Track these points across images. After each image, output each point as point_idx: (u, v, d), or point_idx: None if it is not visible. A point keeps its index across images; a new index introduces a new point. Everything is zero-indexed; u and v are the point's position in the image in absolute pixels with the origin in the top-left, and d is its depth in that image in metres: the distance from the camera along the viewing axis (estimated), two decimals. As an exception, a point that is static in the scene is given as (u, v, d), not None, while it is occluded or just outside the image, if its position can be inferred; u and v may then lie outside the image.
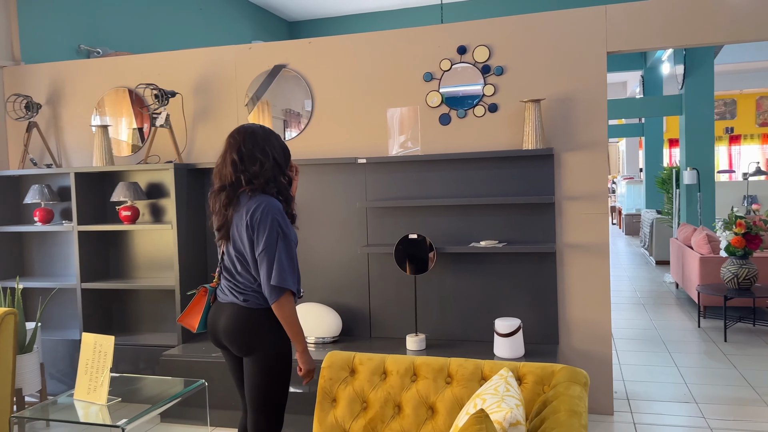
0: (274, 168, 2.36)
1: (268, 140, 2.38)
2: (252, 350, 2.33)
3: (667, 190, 9.28)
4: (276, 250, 2.25)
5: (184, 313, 2.62)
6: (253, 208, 2.29)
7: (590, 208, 3.66)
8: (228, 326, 2.36)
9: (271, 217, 2.27)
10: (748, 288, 5.32)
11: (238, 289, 2.37)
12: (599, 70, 3.61)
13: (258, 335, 2.32)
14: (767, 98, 16.56)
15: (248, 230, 2.29)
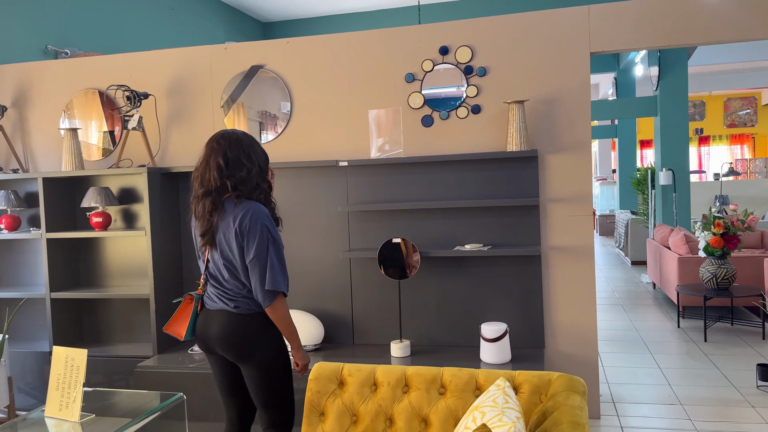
0: (259, 174, 2.39)
1: (252, 146, 2.41)
2: (249, 356, 2.36)
3: (643, 191, 9.36)
4: (267, 255, 2.28)
5: (171, 321, 2.58)
6: (241, 215, 2.30)
7: (575, 210, 3.62)
8: (221, 334, 2.36)
9: (260, 224, 2.30)
10: (726, 288, 5.36)
11: (227, 296, 2.37)
12: (583, 71, 3.58)
13: (254, 340, 2.35)
14: (735, 100, 16.90)
15: (237, 237, 2.30)
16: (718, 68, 12.87)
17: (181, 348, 3.94)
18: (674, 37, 3.50)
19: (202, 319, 2.47)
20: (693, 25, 3.46)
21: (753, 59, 11.17)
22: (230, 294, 2.36)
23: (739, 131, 17.11)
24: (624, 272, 8.85)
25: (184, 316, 2.53)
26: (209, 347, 2.45)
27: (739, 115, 17.02)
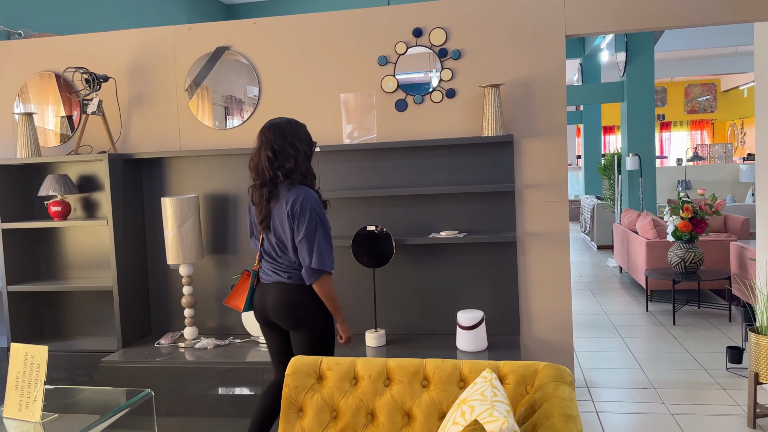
0: (305, 160, 2.63)
1: (296, 134, 2.64)
2: (300, 321, 2.62)
3: (609, 176, 9.45)
4: (315, 237, 2.53)
5: (230, 295, 2.86)
6: (292, 200, 2.55)
7: (550, 196, 3.59)
8: (276, 303, 2.63)
9: (310, 208, 2.54)
10: (694, 271, 5.43)
11: (281, 268, 2.64)
12: (558, 54, 3.53)
13: (304, 309, 2.61)
14: (695, 86, 17.22)
15: (288, 219, 2.55)
16: (680, 54, 13.07)
17: (147, 341, 3.80)
18: (647, 21, 3.47)
19: (258, 293, 2.73)
20: (665, 8, 3.43)
21: (713, 46, 11.35)
22: (284, 267, 2.63)
23: (699, 117, 17.47)
24: (590, 257, 8.95)
25: (242, 291, 2.79)
26: (266, 317, 2.72)
27: (699, 101, 17.36)
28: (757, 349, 3.22)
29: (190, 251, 3.63)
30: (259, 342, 3.67)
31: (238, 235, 3.85)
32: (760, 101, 3.75)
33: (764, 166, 3.72)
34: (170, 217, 3.59)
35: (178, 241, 3.60)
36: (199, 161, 3.88)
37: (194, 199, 3.65)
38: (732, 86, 16.47)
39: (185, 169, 3.90)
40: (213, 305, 3.90)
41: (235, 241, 3.85)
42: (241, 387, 3.40)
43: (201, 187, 3.88)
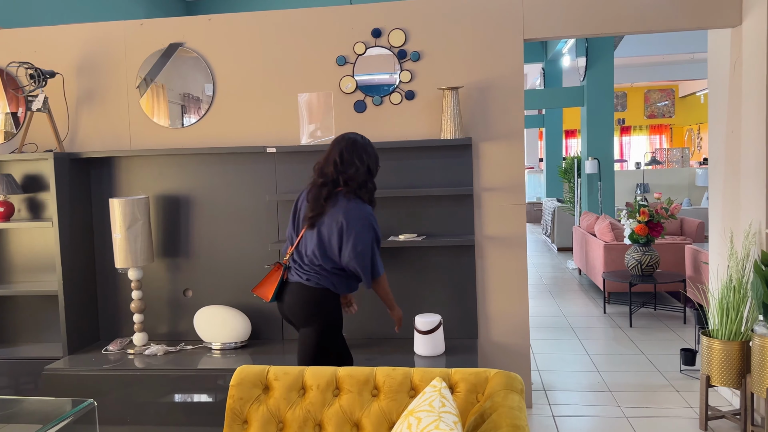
0: (366, 174, 2.76)
1: (365, 149, 2.78)
2: (306, 321, 2.75)
3: (569, 180, 9.56)
4: (371, 248, 2.70)
5: (259, 284, 2.89)
6: (350, 211, 2.68)
7: (508, 200, 3.57)
8: (291, 301, 2.77)
9: (367, 221, 2.70)
10: (650, 274, 5.51)
11: (302, 269, 2.75)
12: (516, 58, 3.52)
13: (313, 310, 2.73)
14: (654, 92, 17.60)
15: (341, 229, 2.67)
16: (639, 60, 13.33)
17: (95, 347, 3.66)
18: (605, 26, 3.49)
19: (284, 289, 2.83)
20: (623, 14, 3.46)
21: (672, 52, 11.59)
22: (305, 268, 2.74)
23: (657, 122, 17.85)
24: (551, 258, 9.04)
25: (272, 281, 2.84)
26: (284, 314, 2.86)
27: (658, 106, 17.74)
28: (709, 352, 3.25)
29: (139, 254, 3.51)
30: (212, 348, 3.56)
31: (190, 238, 3.74)
32: (713, 107, 3.81)
33: (716, 171, 3.78)
34: (118, 218, 3.47)
35: (126, 243, 3.47)
36: (150, 161, 3.76)
37: (144, 200, 3.53)
38: (690, 92, 16.87)
39: (136, 169, 3.77)
40: (164, 310, 3.78)
41: (187, 244, 3.74)
42: (193, 394, 3.29)
43: (152, 187, 3.76)
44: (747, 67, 3.38)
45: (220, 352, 3.54)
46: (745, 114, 3.41)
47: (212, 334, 3.56)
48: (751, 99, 3.33)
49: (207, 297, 3.74)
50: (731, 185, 3.59)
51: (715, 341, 3.22)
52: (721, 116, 3.69)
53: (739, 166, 3.48)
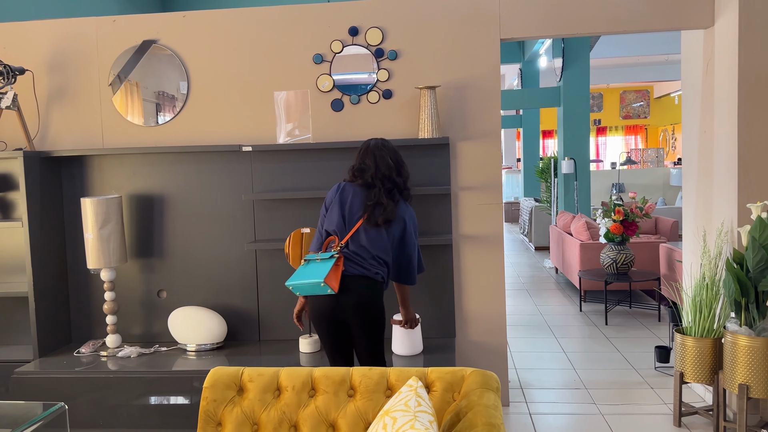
0: (407, 181, 2.95)
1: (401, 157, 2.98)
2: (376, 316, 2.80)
3: (546, 179, 9.64)
4: (416, 248, 2.92)
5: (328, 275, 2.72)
6: (410, 213, 2.91)
7: (485, 199, 3.58)
8: (361, 294, 2.74)
9: (416, 224, 2.95)
10: (625, 272, 5.57)
11: (366, 263, 2.77)
12: (493, 58, 3.53)
13: (381, 303, 2.81)
14: (630, 92, 17.82)
15: (405, 230, 2.85)
16: (615, 61, 13.47)
17: (67, 350, 3.59)
18: (581, 26, 3.51)
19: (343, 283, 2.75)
20: (598, 15, 3.48)
21: (647, 53, 11.74)
22: (372, 263, 2.78)
23: (633, 122, 18.08)
24: (528, 258, 9.10)
25: (337, 273, 2.73)
26: (335, 312, 2.75)
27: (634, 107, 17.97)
28: (682, 350, 3.29)
29: (112, 255, 3.45)
30: (187, 349, 3.52)
31: (164, 238, 3.68)
32: (686, 108, 3.86)
33: (690, 171, 3.83)
34: (90, 218, 3.40)
35: (98, 244, 3.41)
36: (123, 160, 3.69)
37: (116, 199, 3.47)
38: (664, 93, 17.12)
39: (108, 168, 3.71)
40: (138, 311, 3.72)
41: (161, 245, 3.69)
42: (167, 397, 3.25)
43: (125, 187, 3.70)
44: (719, 68, 3.43)
45: (195, 354, 3.49)
46: (718, 114, 3.46)
47: (187, 336, 3.51)
48: (723, 99, 3.38)
49: (182, 298, 3.69)
50: (704, 184, 3.64)
51: (688, 338, 3.26)
52: (694, 116, 3.74)
53: (712, 166, 3.53)
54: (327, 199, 2.93)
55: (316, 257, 2.76)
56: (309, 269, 2.71)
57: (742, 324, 3.05)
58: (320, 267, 2.70)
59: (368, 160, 2.88)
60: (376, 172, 2.85)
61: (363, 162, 2.90)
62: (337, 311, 2.75)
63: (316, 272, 2.67)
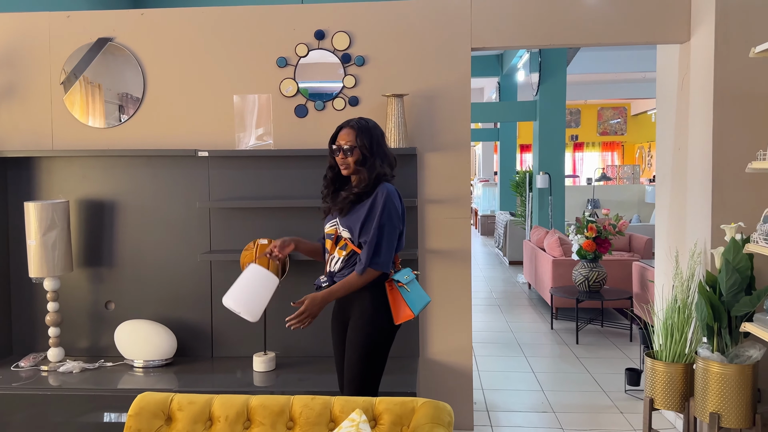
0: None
1: None
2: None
3: (521, 193, 9.56)
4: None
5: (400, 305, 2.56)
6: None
7: (453, 213, 3.44)
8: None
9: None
10: (597, 290, 5.47)
11: None
12: (463, 67, 3.40)
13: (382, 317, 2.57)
14: (607, 109, 17.94)
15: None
16: (593, 78, 13.52)
17: (7, 363, 3.36)
18: (555, 37, 3.41)
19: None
20: (574, 26, 3.38)
21: (625, 70, 11.79)
22: None
23: (610, 139, 18.19)
24: (502, 272, 8.99)
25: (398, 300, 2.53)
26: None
27: (611, 123, 18.08)
28: (653, 375, 3.17)
29: (56, 263, 3.24)
30: (134, 366, 3.31)
31: (114, 247, 3.48)
32: (661, 123, 3.77)
33: (663, 188, 3.73)
34: (34, 224, 3.19)
35: (42, 251, 3.20)
36: (73, 162, 3.49)
37: (63, 204, 3.27)
38: (641, 110, 17.25)
39: (57, 172, 3.50)
40: (84, 324, 3.51)
41: (110, 253, 3.48)
42: (109, 414, 3.03)
43: (74, 191, 3.49)
44: (694, 84, 3.34)
45: (142, 370, 3.29)
46: (692, 131, 3.37)
47: (134, 351, 3.30)
48: (698, 116, 3.29)
49: (130, 310, 3.48)
50: (677, 203, 3.54)
51: (658, 363, 3.14)
52: (668, 133, 3.65)
53: (686, 184, 3.44)
54: (399, 209, 2.57)
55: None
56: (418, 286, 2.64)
57: (714, 350, 2.93)
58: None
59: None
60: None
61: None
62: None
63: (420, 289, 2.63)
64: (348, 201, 2.54)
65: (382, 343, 2.51)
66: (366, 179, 2.54)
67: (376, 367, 2.50)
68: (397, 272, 2.58)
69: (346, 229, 2.56)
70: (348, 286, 2.50)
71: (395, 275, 2.56)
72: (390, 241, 2.50)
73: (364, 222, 2.50)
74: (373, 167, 2.54)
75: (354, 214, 2.54)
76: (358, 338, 2.48)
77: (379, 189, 2.53)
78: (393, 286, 2.53)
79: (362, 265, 2.47)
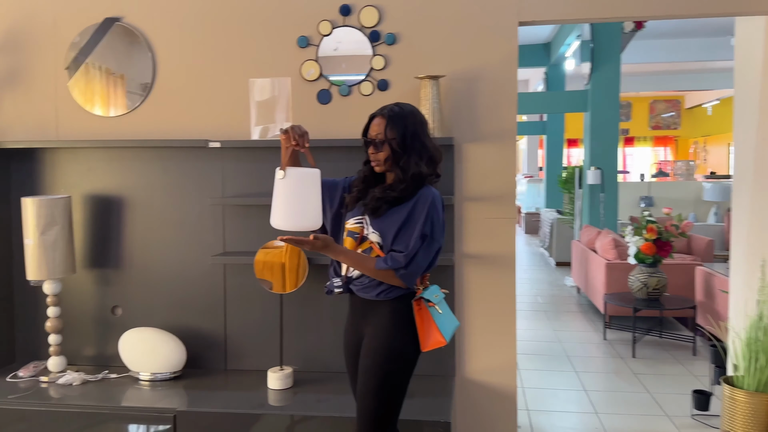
0: None
1: None
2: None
3: (569, 190, 9.01)
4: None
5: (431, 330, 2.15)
6: None
7: (495, 212, 3.01)
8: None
9: None
10: (657, 298, 4.95)
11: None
12: (510, 45, 2.96)
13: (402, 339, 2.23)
14: (660, 102, 17.07)
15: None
16: (645, 68, 12.80)
17: (7, 371, 3.10)
18: (615, 9, 2.93)
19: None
20: (637, -4, 2.90)
21: (680, 60, 11.07)
22: None
23: (662, 133, 17.34)
24: (548, 274, 8.48)
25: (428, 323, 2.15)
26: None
27: (664, 117, 17.22)
28: (732, 405, 2.69)
29: (56, 264, 2.95)
30: (140, 379, 3.00)
31: (122, 246, 3.18)
32: (739, 110, 3.26)
33: (742, 186, 3.22)
34: (31, 221, 2.91)
35: (40, 251, 2.92)
36: (77, 154, 3.20)
37: (63, 200, 2.97)
38: (696, 104, 16.35)
39: (62, 164, 3.22)
40: (89, 330, 3.22)
41: (118, 253, 3.18)
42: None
43: (79, 185, 3.20)
44: (785, 63, 2.83)
45: (149, 384, 2.97)
46: (781, 118, 2.85)
47: (139, 363, 2.99)
48: (790, 100, 2.78)
49: (139, 316, 3.17)
50: (760, 203, 3.03)
51: (739, 392, 2.66)
52: (749, 121, 3.14)
53: (771, 181, 2.93)
54: (441, 220, 2.17)
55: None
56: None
57: (811, 379, 2.44)
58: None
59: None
60: None
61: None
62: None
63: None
64: (384, 201, 2.14)
65: (403, 371, 2.11)
66: (402, 180, 2.15)
67: (395, 399, 2.11)
68: (426, 289, 2.18)
69: (377, 233, 2.17)
70: (362, 265, 2.12)
71: (424, 293, 2.15)
72: (427, 255, 2.11)
73: (401, 228, 2.11)
74: (407, 166, 2.15)
75: (389, 217, 2.15)
76: (375, 364, 2.09)
77: (421, 193, 2.14)
78: (422, 305, 2.12)
79: (388, 265, 2.08)
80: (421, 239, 2.07)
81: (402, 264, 2.08)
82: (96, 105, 3.19)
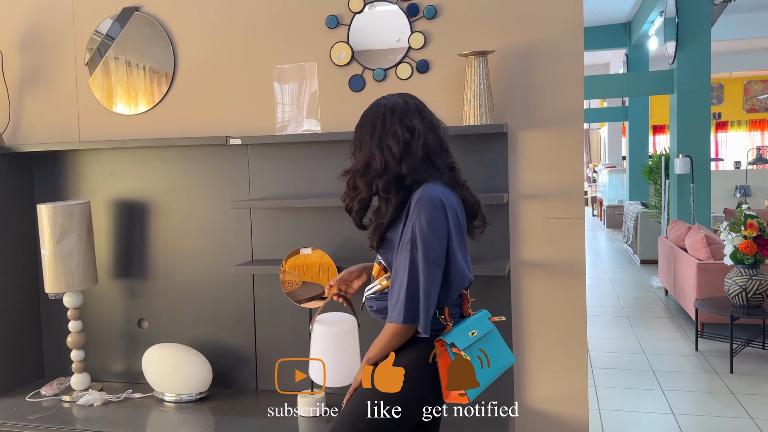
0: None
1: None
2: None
3: (655, 181, 8.26)
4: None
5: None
6: None
7: (559, 211, 2.55)
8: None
9: None
10: (758, 305, 4.28)
11: None
12: (574, 11, 2.49)
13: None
14: (756, 83, 15.67)
15: None
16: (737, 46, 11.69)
17: (36, 386, 2.94)
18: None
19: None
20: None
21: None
22: None
23: (759, 116, 15.92)
24: (632, 273, 7.78)
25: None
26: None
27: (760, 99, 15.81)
28: None
29: (75, 275, 2.74)
30: (165, 399, 2.74)
31: (146, 254, 2.94)
32: None
33: None
34: (47, 230, 2.71)
35: (57, 262, 2.71)
36: (99, 156, 2.99)
37: (81, 206, 2.75)
38: (799, 82, 14.87)
39: (84, 167, 3.01)
40: (115, 345, 3.01)
41: (142, 262, 2.95)
42: None
43: (101, 190, 2.99)
44: None
45: (174, 405, 2.72)
46: None
47: (162, 382, 2.74)
48: None
49: (165, 330, 2.93)
50: None
51: None
52: None
53: None
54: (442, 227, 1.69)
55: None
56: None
57: None
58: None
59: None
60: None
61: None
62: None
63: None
64: (375, 230, 1.77)
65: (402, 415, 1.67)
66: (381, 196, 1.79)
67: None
68: (456, 326, 1.73)
69: (386, 264, 1.80)
70: (383, 345, 1.71)
71: (448, 335, 1.69)
72: (427, 281, 1.63)
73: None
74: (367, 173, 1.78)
75: (390, 243, 1.76)
76: (359, 393, 1.70)
77: (411, 198, 1.71)
78: (445, 348, 1.68)
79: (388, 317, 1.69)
80: (409, 265, 1.63)
81: (390, 311, 1.67)
82: (115, 102, 2.97)
